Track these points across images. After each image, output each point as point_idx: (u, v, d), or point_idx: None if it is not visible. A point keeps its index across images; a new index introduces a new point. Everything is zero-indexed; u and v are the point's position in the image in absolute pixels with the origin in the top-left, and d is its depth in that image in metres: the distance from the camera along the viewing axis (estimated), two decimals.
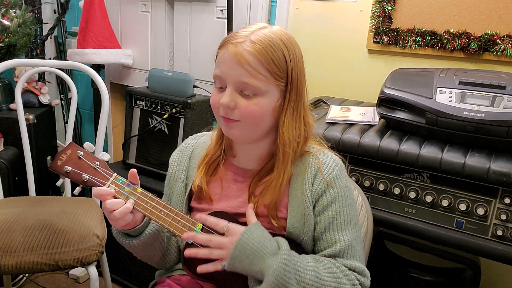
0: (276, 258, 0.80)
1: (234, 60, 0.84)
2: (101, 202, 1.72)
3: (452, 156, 1.10)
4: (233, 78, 0.85)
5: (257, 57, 0.83)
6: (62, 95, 2.64)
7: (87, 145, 0.94)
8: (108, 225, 1.48)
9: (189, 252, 0.86)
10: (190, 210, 1.01)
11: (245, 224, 0.93)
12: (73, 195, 1.15)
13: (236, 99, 0.86)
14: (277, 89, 0.88)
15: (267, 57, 0.84)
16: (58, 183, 0.98)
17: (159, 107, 1.84)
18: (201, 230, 0.91)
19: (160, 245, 0.96)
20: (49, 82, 2.53)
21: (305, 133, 0.93)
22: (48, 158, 2.28)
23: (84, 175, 0.91)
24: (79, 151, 0.93)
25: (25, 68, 2.06)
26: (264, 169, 0.94)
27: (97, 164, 0.92)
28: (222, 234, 0.86)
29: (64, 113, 2.66)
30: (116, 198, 0.88)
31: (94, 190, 0.88)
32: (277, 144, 0.92)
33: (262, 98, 0.86)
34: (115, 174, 0.92)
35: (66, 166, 0.92)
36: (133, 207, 0.88)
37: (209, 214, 0.94)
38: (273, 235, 0.92)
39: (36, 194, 1.73)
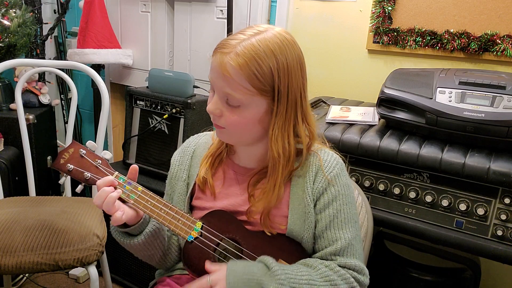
0: (271, 278, 0.81)
1: (218, 71, 0.83)
2: None
3: (452, 156, 1.10)
4: (219, 87, 0.86)
5: (238, 71, 0.82)
6: (62, 95, 2.64)
7: (89, 143, 0.96)
8: (108, 226, 1.49)
9: None
10: (191, 209, 1.02)
11: (244, 221, 0.94)
12: (75, 192, 1.16)
13: (221, 107, 0.86)
14: (263, 100, 0.86)
15: (249, 72, 0.82)
16: (61, 181, 1.00)
17: (159, 107, 1.84)
18: (201, 228, 0.91)
19: (160, 244, 0.96)
20: (49, 82, 2.53)
21: (309, 136, 0.92)
22: (48, 158, 2.28)
23: (86, 173, 0.92)
24: (81, 150, 0.94)
25: (25, 68, 2.06)
26: (263, 170, 0.94)
27: (98, 163, 0.94)
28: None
29: (64, 113, 2.66)
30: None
31: (99, 180, 0.89)
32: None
33: (246, 110, 0.85)
34: (116, 173, 0.93)
35: (69, 164, 0.93)
36: (134, 204, 0.89)
37: (208, 213, 0.94)
38: (275, 235, 0.92)
39: (36, 194, 1.73)
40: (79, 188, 0.94)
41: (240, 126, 0.87)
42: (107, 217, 1.53)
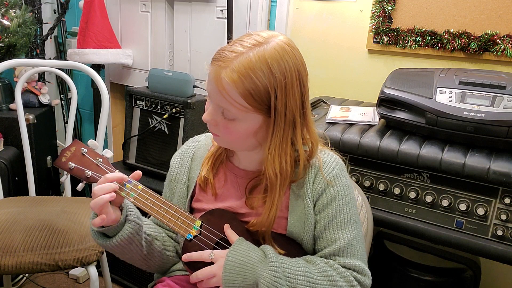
0: (265, 266, 0.82)
1: (214, 84, 0.82)
2: None
3: (452, 156, 1.10)
4: (214, 100, 0.85)
5: (233, 87, 0.80)
6: (62, 95, 2.64)
7: (91, 142, 0.97)
8: None
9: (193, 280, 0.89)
10: (191, 211, 1.01)
11: (245, 222, 0.94)
12: (75, 192, 1.16)
13: (216, 117, 0.86)
14: (259, 116, 0.84)
15: (244, 90, 0.80)
16: (62, 179, 1.01)
17: (159, 107, 1.84)
18: (200, 227, 0.91)
19: (137, 248, 0.93)
20: (49, 82, 2.53)
21: (309, 150, 0.91)
22: (48, 158, 2.28)
23: (86, 171, 0.93)
24: (82, 148, 0.95)
25: (25, 68, 2.06)
26: (262, 174, 0.93)
27: (99, 161, 0.94)
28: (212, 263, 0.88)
29: (64, 113, 2.66)
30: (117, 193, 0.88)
31: (108, 174, 0.89)
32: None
33: (241, 123, 0.84)
34: (116, 171, 0.93)
35: (70, 163, 0.94)
36: (133, 202, 0.90)
37: (208, 211, 0.95)
38: (274, 235, 0.92)
39: (36, 194, 1.73)
40: (80, 186, 0.94)
41: (234, 137, 0.87)
42: None
